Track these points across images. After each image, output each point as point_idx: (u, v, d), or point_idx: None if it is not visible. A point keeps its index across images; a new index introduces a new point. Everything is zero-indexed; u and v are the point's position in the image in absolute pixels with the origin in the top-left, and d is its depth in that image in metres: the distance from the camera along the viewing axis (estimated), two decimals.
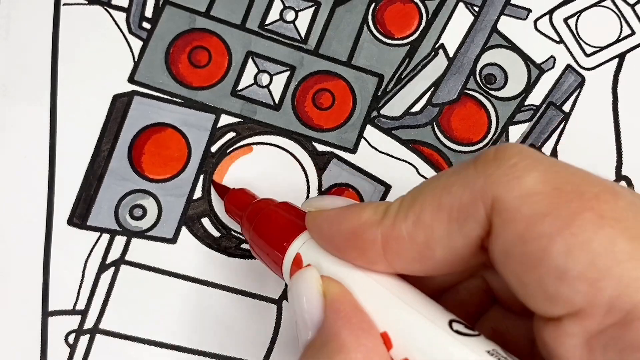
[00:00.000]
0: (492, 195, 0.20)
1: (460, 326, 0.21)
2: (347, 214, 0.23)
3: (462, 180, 0.21)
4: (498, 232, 0.20)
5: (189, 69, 0.34)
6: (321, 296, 0.23)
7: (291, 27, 0.35)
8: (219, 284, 0.33)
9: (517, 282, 0.20)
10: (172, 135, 0.34)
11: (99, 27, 0.34)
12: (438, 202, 0.21)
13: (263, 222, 0.28)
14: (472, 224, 0.21)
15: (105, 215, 0.33)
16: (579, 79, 0.35)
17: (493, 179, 0.20)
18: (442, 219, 0.21)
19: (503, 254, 0.20)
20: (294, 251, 0.25)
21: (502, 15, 0.35)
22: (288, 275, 0.26)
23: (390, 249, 0.22)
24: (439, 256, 0.22)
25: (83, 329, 0.32)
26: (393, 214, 0.22)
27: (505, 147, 0.21)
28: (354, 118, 0.34)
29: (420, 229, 0.21)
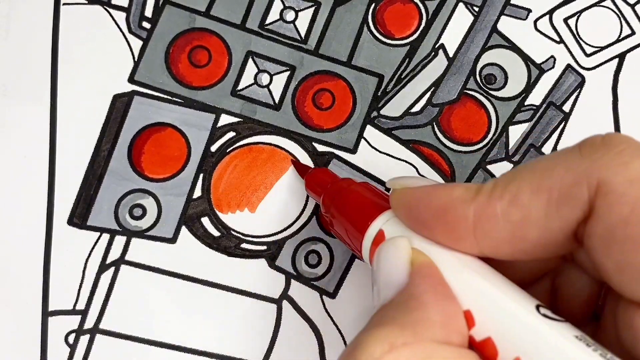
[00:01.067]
0: (598, 178, 0.20)
1: (547, 311, 0.21)
2: (438, 190, 0.23)
3: (566, 163, 0.21)
4: (601, 215, 0.20)
5: (189, 69, 0.34)
6: (409, 263, 0.22)
7: (291, 27, 0.35)
8: (219, 284, 0.33)
9: (615, 266, 0.20)
10: (172, 134, 0.33)
11: (99, 27, 0.34)
12: (538, 183, 0.21)
13: (345, 200, 0.28)
14: (573, 206, 0.21)
15: (105, 215, 0.33)
16: (579, 79, 0.35)
17: (600, 163, 0.20)
18: (541, 199, 0.21)
19: (604, 237, 0.20)
20: (376, 228, 0.25)
21: (502, 15, 0.35)
22: (368, 253, 0.25)
23: (481, 227, 0.22)
24: (532, 238, 0.21)
25: (83, 329, 0.32)
26: (487, 192, 0.22)
27: (613, 135, 0.21)
28: (354, 118, 0.34)
29: (516, 209, 0.21)
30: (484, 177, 0.34)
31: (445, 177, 0.34)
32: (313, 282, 0.33)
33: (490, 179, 0.23)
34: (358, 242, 0.26)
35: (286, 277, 0.33)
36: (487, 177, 0.34)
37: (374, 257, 0.24)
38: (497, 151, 0.35)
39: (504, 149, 0.35)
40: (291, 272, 0.33)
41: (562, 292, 0.25)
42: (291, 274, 0.33)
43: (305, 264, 0.33)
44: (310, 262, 0.33)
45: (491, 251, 0.22)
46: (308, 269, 0.33)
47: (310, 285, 0.33)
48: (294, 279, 0.33)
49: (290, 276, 0.33)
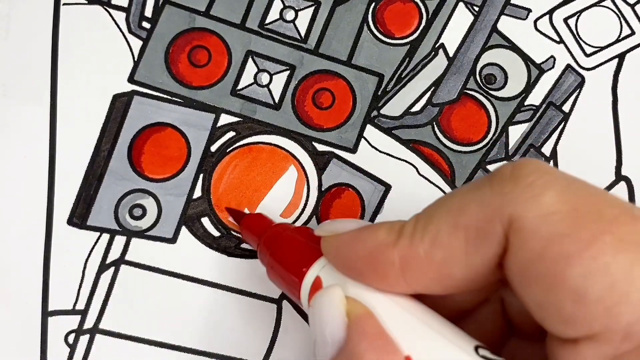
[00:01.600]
0: (510, 214, 0.20)
1: (486, 352, 0.21)
2: (362, 236, 0.23)
3: (478, 199, 0.21)
4: (515, 251, 0.20)
5: (188, 69, 0.34)
6: (345, 315, 0.23)
7: (291, 27, 0.35)
8: (219, 284, 0.33)
9: (533, 303, 0.20)
10: (172, 134, 0.33)
11: (99, 27, 0.34)
12: (454, 222, 0.21)
13: (280, 248, 0.28)
14: (489, 243, 0.20)
15: (105, 215, 0.33)
16: (579, 79, 0.35)
17: (510, 198, 0.20)
18: (459, 238, 0.21)
19: (520, 273, 0.20)
20: (313, 275, 0.25)
21: (502, 15, 0.35)
22: (306, 300, 0.25)
23: (408, 269, 0.22)
24: (457, 275, 0.21)
25: (83, 329, 0.32)
26: (409, 234, 0.22)
27: (522, 164, 0.21)
28: (354, 118, 0.34)
29: (437, 249, 0.21)
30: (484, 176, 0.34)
31: (445, 177, 0.34)
32: None
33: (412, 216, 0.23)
34: (296, 290, 0.26)
35: None
36: None
37: (310, 310, 0.24)
38: (497, 151, 0.35)
39: (504, 149, 0.35)
40: None
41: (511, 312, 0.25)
42: None
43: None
44: None
45: (423, 289, 0.23)
46: None
47: None
48: None
49: None
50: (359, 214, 0.34)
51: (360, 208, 0.34)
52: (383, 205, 0.34)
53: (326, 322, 0.23)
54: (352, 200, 0.34)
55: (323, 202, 0.34)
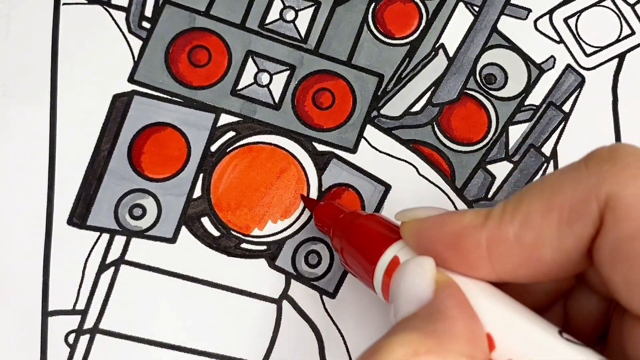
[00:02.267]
0: (607, 192, 0.20)
1: (569, 336, 0.21)
2: (447, 219, 0.23)
3: (573, 179, 0.21)
4: (610, 230, 0.20)
5: (188, 69, 0.34)
6: (434, 280, 0.22)
7: (291, 27, 0.35)
8: (219, 284, 0.33)
9: (623, 282, 0.20)
10: (172, 134, 0.33)
11: (99, 27, 0.34)
12: (547, 202, 0.21)
13: (356, 232, 0.28)
14: (584, 223, 0.20)
15: (105, 215, 0.33)
16: (579, 79, 0.35)
17: (608, 177, 0.20)
18: (552, 219, 0.21)
19: (612, 252, 0.20)
20: (390, 256, 0.25)
21: (502, 15, 0.35)
22: (380, 283, 0.25)
23: (495, 252, 0.22)
24: (548, 258, 0.21)
25: (83, 329, 0.32)
26: (497, 216, 0.22)
27: (619, 147, 0.21)
28: (354, 118, 0.34)
29: (528, 230, 0.21)
30: (484, 177, 0.34)
31: (445, 177, 0.34)
32: (313, 282, 0.33)
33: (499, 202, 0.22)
34: (370, 273, 0.26)
35: (286, 277, 0.33)
36: (487, 177, 0.34)
37: (396, 273, 0.24)
38: (497, 151, 0.35)
39: (504, 149, 0.35)
40: (291, 272, 0.33)
41: (572, 315, 0.25)
42: (291, 274, 0.33)
43: (305, 264, 0.33)
44: (310, 262, 0.33)
45: (508, 275, 0.22)
46: (308, 269, 0.33)
47: (310, 285, 0.33)
48: (294, 279, 0.33)
49: (290, 276, 0.33)
50: None
51: (360, 208, 0.34)
52: (383, 205, 0.34)
53: (413, 284, 0.22)
54: (352, 201, 0.34)
55: None
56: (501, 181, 0.34)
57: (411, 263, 0.23)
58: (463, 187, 0.34)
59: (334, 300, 0.33)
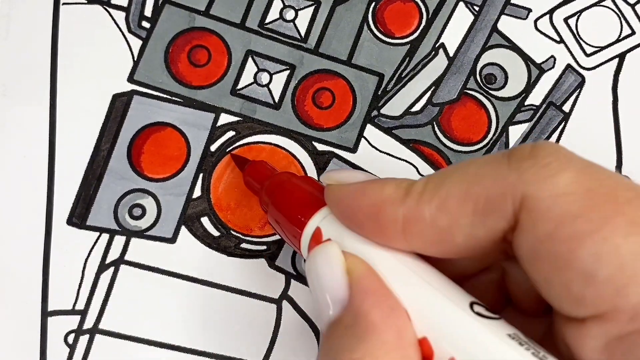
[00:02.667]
0: (523, 192, 0.20)
1: (481, 309, 0.21)
2: (368, 189, 0.23)
3: (494, 173, 0.21)
4: (526, 230, 0.20)
5: (188, 68, 0.34)
6: (345, 273, 0.22)
7: (291, 26, 0.35)
8: (219, 284, 0.33)
9: (542, 281, 0.20)
10: (172, 134, 0.33)
11: (99, 27, 0.34)
12: (466, 191, 0.21)
13: (282, 196, 0.27)
14: (497, 217, 0.21)
15: (105, 215, 0.33)
16: (579, 79, 0.35)
17: (526, 176, 0.20)
18: (467, 208, 0.21)
19: (530, 251, 0.20)
20: (314, 225, 0.25)
21: (502, 14, 0.35)
22: (306, 250, 0.25)
23: (410, 229, 0.22)
24: (459, 242, 0.21)
25: (83, 329, 0.32)
26: (416, 194, 0.22)
27: (541, 145, 0.21)
28: (354, 117, 0.34)
29: (443, 214, 0.21)
30: None
31: None
32: None
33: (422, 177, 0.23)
34: (297, 240, 0.26)
35: (286, 277, 0.33)
36: None
37: (306, 266, 0.24)
38: (497, 151, 0.35)
39: (504, 149, 0.35)
40: (291, 272, 0.33)
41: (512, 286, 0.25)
42: (291, 273, 0.33)
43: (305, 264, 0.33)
44: None
45: (422, 250, 0.23)
46: None
47: None
48: (293, 279, 0.33)
49: (290, 276, 0.33)
50: None
51: None
52: None
53: (326, 281, 0.23)
54: None
55: None
56: None
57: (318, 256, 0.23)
58: None
59: None
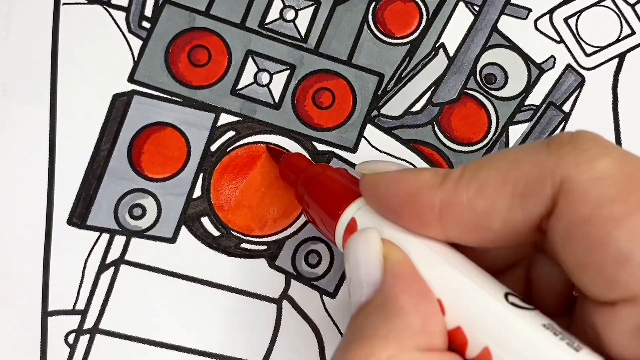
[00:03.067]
0: (562, 175, 0.20)
1: (516, 299, 0.21)
2: (405, 176, 0.23)
3: (533, 157, 0.21)
4: (563, 212, 0.20)
5: (188, 68, 0.34)
6: (381, 258, 0.23)
7: (291, 26, 0.35)
8: (219, 284, 0.33)
9: (575, 264, 0.20)
10: (172, 134, 0.33)
11: (99, 27, 0.34)
12: (504, 175, 0.21)
13: (318, 187, 0.28)
14: (536, 201, 0.21)
15: (105, 215, 0.33)
16: (579, 79, 0.35)
17: (566, 160, 0.20)
18: (506, 191, 0.21)
19: (565, 234, 0.20)
20: (349, 216, 0.25)
21: (502, 14, 0.35)
22: (341, 240, 0.25)
23: (447, 214, 0.22)
24: (496, 228, 0.21)
25: (83, 329, 0.32)
26: (454, 179, 0.22)
27: (581, 133, 0.21)
28: (354, 117, 0.34)
29: (481, 199, 0.21)
30: None
31: None
32: (313, 282, 0.33)
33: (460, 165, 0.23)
34: (332, 230, 0.26)
35: (286, 277, 0.33)
36: None
37: (344, 252, 0.24)
38: (497, 151, 0.35)
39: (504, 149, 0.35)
40: (291, 272, 0.33)
41: (536, 281, 0.25)
42: (291, 273, 0.33)
43: (305, 264, 0.33)
44: (310, 262, 0.33)
45: (457, 238, 0.23)
46: (308, 269, 0.33)
47: (310, 285, 0.33)
48: (294, 279, 0.33)
49: (290, 276, 0.33)
50: None
51: None
52: None
53: (362, 264, 0.23)
54: None
55: None
56: None
57: (357, 240, 0.23)
58: None
59: (334, 300, 0.33)
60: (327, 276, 0.33)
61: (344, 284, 0.33)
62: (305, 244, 0.33)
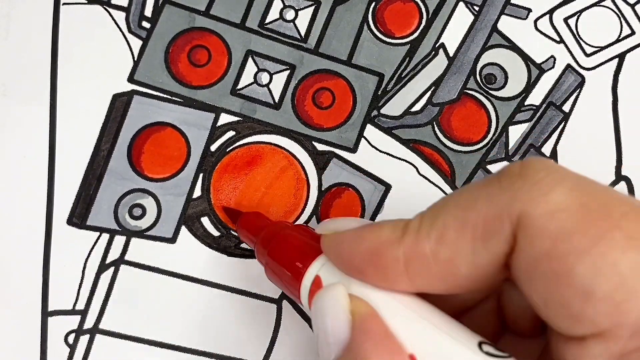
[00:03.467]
0: (518, 211, 0.20)
1: (490, 348, 0.21)
2: (365, 233, 0.23)
3: (487, 196, 0.21)
4: (523, 249, 0.20)
5: (188, 68, 0.34)
6: (349, 314, 0.22)
7: (291, 26, 0.35)
8: (219, 284, 0.33)
9: (540, 300, 0.20)
10: (172, 134, 0.33)
11: (99, 27, 0.34)
12: (462, 219, 0.21)
13: (278, 246, 0.27)
14: (497, 241, 0.20)
15: (105, 215, 0.33)
16: (579, 79, 0.35)
17: (519, 195, 0.20)
18: (466, 235, 0.21)
19: (527, 271, 0.20)
20: (313, 273, 0.25)
21: (502, 14, 0.35)
22: (306, 300, 0.25)
23: (412, 267, 0.22)
24: (463, 273, 0.21)
25: (83, 329, 0.32)
26: (414, 231, 0.22)
27: (531, 162, 0.21)
28: (354, 117, 0.34)
29: (444, 247, 0.21)
30: (484, 176, 0.34)
31: (446, 177, 0.34)
32: None
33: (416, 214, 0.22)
34: (296, 289, 0.26)
35: None
36: None
37: (312, 308, 0.24)
38: (497, 151, 0.35)
39: (504, 149, 0.35)
40: None
41: (508, 307, 0.25)
42: None
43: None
44: None
45: (425, 288, 0.22)
46: None
47: None
48: None
49: None
50: (359, 213, 0.34)
51: (361, 208, 0.34)
52: (383, 205, 0.34)
53: (329, 321, 0.22)
54: (352, 200, 0.34)
55: (323, 202, 0.34)
56: None
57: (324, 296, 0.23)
58: None
59: None
60: None
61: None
62: None
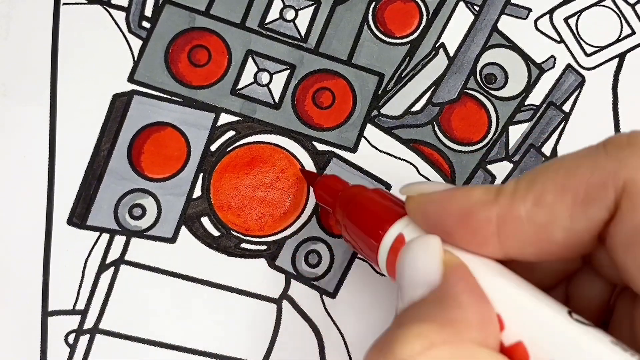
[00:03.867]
0: (625, 178, 0.20)
1: (579, 316, 0.21)
2: (456, 194, 0.23)
3: (591, 163, 0.20)
4: (625, 217, 0.20)
5: (188, 68, 0.34)
6: (441, 262, 0.22)
7: (291, 26, 0.35)
8: (219, 284, 0.33)
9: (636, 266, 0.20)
10: (172, 134, 0.33)
11: (99, 27, 0.34)
12: (562, 183, 0.21)
13: (358, 208, 0.27)
14: (598, 207, 0.20)
15: (105, 215, 0.33)
16: (579, 79, 0.35)
17: (626, 163, 0.20)
18: (566, 200, 0.20)
19: (627, 237, 0.20)
20: (394, 234, 0.24)
21: (502, 14, 0.35)
22: (384, 261, 0.25)
23: (505, 230, 0.21)
24: (557, 239, 0.21)
25: (83, 329, 0.32)
26: (509, 194, 0.21)
27: (638, 134, 0.21)
28: (354, 117, 0.34)
29: (540, 210, 0.21)
30: (484, 177, 0.34)
31: (445, 177, 0.34)
32: (313, 282, 0.33)
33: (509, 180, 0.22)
34: (373, 251, 0.25)
35: (286, 277, 0.33)
36: (487, 177, 0.34)
37: (401, 255, 0.23)
38: (497, 151, 0.35)
39: (504, 149, 0.35)
40: (291, 271, 0.33)
41: (574, 298, 0.25)
42: (291, 273, 0.33)
43: (305, 264, 0.33)
44: (310, 261, 0.33)
45: (516, 253, 0.22)
46: (308, 269, 0.33)
47: (310, 285, 0.33)
48: (294, 279, 0.33)
49: (290, 276, 0.33)
50: None
51: None
52: None
53: (420, 266, 0.22)
54: None
55: None
56: (501, 181, 0.34)
57: (417, 242, 0.23)
58: None
59: (334, 300, 0.33)
60: (327, 276, 0.33)
61: (344, 286, 0.33)
62: (305, 244, 0.33)
